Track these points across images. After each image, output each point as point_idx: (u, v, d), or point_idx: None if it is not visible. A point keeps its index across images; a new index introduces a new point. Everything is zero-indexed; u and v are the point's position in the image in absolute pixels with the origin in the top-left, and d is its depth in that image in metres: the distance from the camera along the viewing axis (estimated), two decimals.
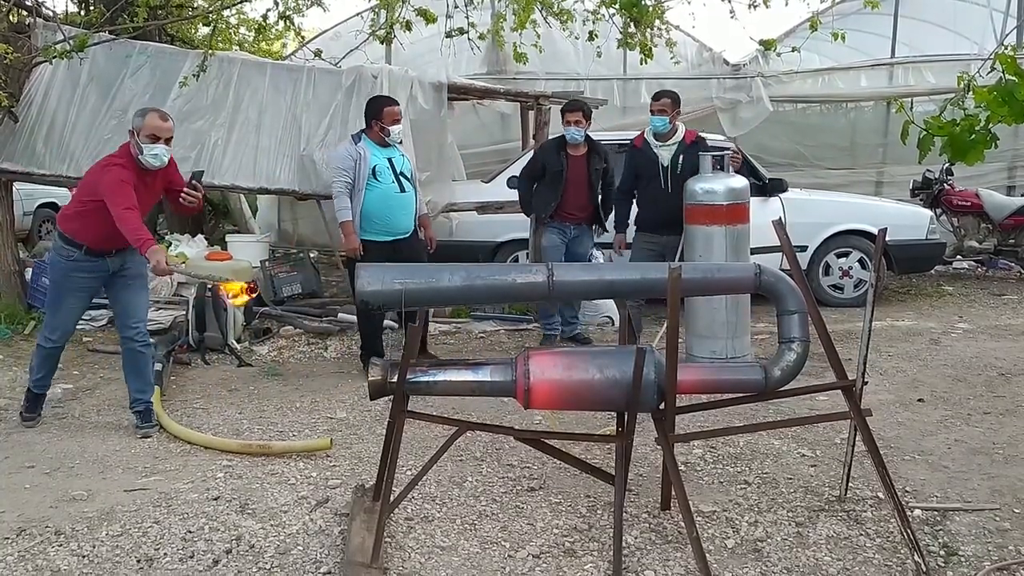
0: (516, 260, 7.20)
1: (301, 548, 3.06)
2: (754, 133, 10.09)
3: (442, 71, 7.68)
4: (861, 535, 3.12)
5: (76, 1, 8.40)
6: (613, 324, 6.74)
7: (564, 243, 5.89)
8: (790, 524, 3.21)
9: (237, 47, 10.35)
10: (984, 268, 9.07)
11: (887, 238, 3.23)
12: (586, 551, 3.03)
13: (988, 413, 4.49)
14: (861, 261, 7.30)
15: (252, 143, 7.01)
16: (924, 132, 3.01)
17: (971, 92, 2.98)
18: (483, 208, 7.33)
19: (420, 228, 5.55)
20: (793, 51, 7.30)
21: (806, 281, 3.10)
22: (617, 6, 6.23)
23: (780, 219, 3.20)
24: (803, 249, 7.11)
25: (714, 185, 5.24)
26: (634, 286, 3.09)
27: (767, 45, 7.48)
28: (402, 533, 3.16)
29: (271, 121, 7.04)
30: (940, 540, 3.09)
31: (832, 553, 3.00)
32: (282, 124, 7.06)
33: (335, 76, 7.23)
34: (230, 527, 3.20)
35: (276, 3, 6.99)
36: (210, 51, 6.65)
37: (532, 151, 6.56)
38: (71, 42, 5.99)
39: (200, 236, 8.19)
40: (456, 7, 7.25)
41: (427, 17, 7.05)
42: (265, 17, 7.12)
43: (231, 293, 3.94)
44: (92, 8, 7.88)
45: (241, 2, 7.76)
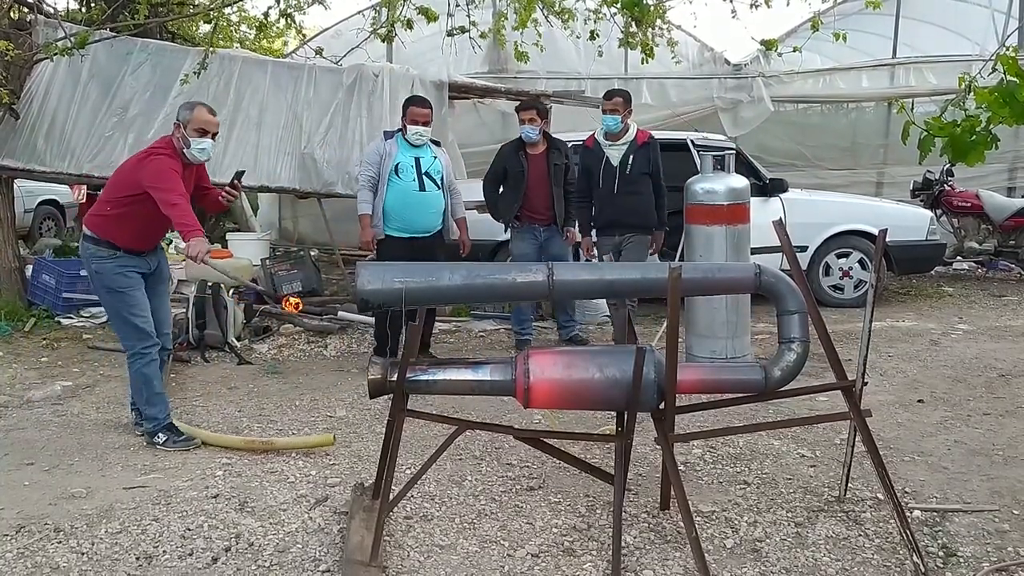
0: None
1: (300, 546, 3.06)
2: (755, 133, 10.09)
3: (443, 70, 7.69)
4: (860, 536, 3.12)
5: None
6: (613, 324, 6.74)
7: (537, 248, 5.76)
8: (789, 524, 3.21)
9: (238, 45, 10.36)
10: (984, 269, 9.07)
11: (887, 239, 3.23)
12: (585, 550, 3.03)
13: (988, 414, 4.49)
14: (861, 262, 7.30)
15: (253, 141, 7.02)
16: (925, 133, 3.01)
17: (972, 93, 2.98)
18: (483, 207, 7.32)
19: (446, 230, 5.59)
20: (794, 51, 7.30)
21: (806, 281, 3.10)
22: (619, 5, 6.23)
23: (780, 219, 3.20)
24: (803, 249, 7.11)
25: (715, 185, 5.24)
26: (634, 286, 3.08)
27: (768, 45, 7.49)
28: (401, 532, 3.16)
29: (272, 119, 7.05)
30: (939, 541, 3.09)
31: (831, 553, 3.00)
32: (283, 122, 7.07)
33: (336, 74, 7.24)
34: (229, 525, 3.20)
35: (277, 1, 6.99)
36: (211, 49, 6.66)
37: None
38: (72, 39, 5.99)
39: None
40: (457, 6, 7.26)
41: (428, 16, 7.05)
42: (266, 15, 7.12)
43: (287, 307, 3.93)
44: (93, 5, 7.89)
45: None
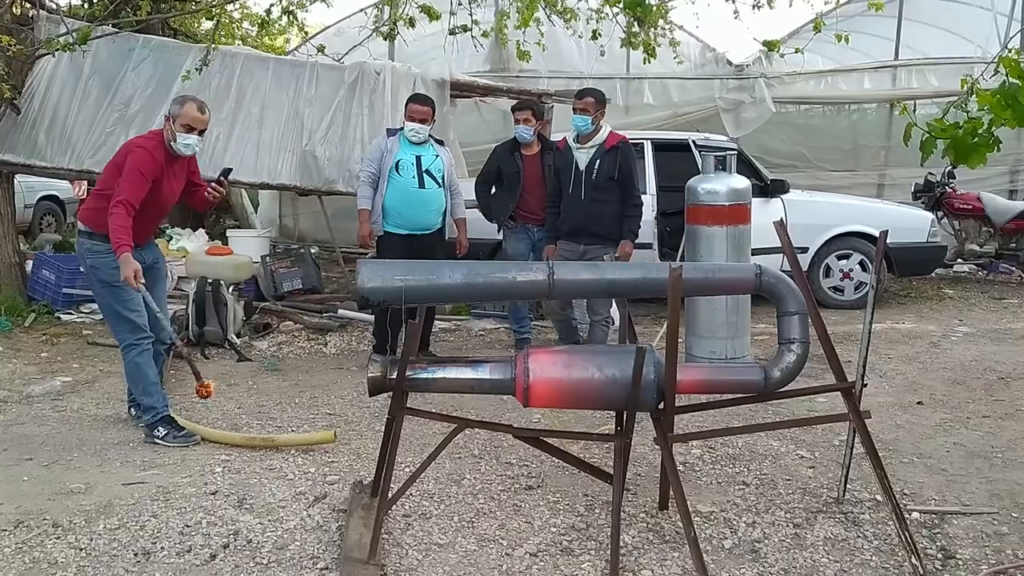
0: None
1: (298, 543, 3.06)
2: (757, 134, 10.09)
3: (445, 68, 7.68)
4: (859, 537, 3.12)
5: None
6: (613, 323, 6.74)
7: (530, 247, 5.72)
8: (788, 525, 3.21)
9: (240, 42, 10.36)
10: (985, 272, 9.07)
11: (888, 240, 3.23)
12: (583, 550, 3.03)
13: (987, 417, 4.49)
14: (862, 263, 7.30)
15: (254, 138, 7.02)
16: (927, 135, 3.01)
17: (974, 95, 2.97)
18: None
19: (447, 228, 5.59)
20: (796, 52, 7.29)
21: (807, 283, 3.10)
22: (621, 5, 6.21)
23: (781, 220, 3.20)
24: (804, 250, 7.11)
25: (716, 186, 5.24)
26: (635, 285, 3.08)
27: (771, 46, 7.47)
28: (400, 530, 3.16)
29: (273, 116, 7.05)
30: (938, 543, 3.09)
31: (829, 555, 3.00)
32: (284, 119, 7.07)
33: (338, 72, 7.23)
34: (228, 522, 3.20)
35: None
36: (213, 45, 6.65)
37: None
38: (74, 35, 5.99)
39: (201, 231, 8.20)
40: (460, 4, 7.25)
41: (431, 14, 7.05)
42: (268, 12, 7.11)
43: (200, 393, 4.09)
44: (95, 1, 7.87)
45: None
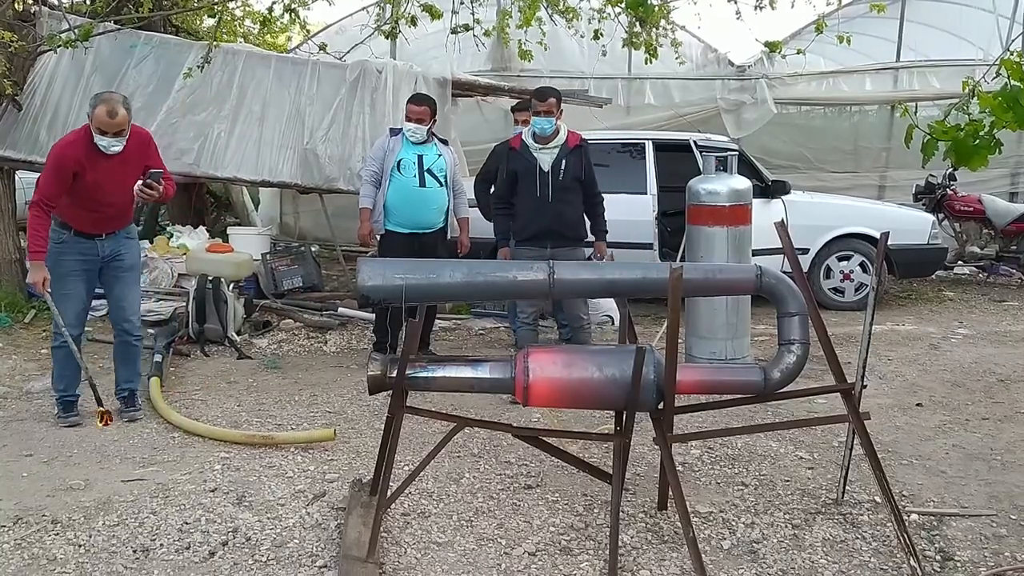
0: None
1: (297, 541, 3.06)
2: (758, 135, 10.08)
3: (446, 67, 7.68)
4: (857, 539, 3.12)
5: None
6: (613, 323, 6.74)
7: None
8: (786, 526, 3.21)
9: (242, 39, 10.35)
10: (985, 274, 9.07)
11: (889, 242, 3.23)
12: (582, 549, 3.03)
13: (986, 419, 4.49)
14: (862, 265, 7.29)
15: (255, 136, 7.02)
16: (928, 137, 3.01)
17: (976, 97, 2.97)
18: None
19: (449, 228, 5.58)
20: (798, 53, 7.29)
21: (807, 284, 3.10)
22: (623, 5, 6.22)
23: (782, 221, 3.20)
24: (804, 252, 7.11)
25: (717, 186, 5.23)
26: (635, 285, 3.09)
27: (772, 47, 7.48)
28: (399, 528, 3.16)
29: (275, 114, 7.04)
30: (936, 545, 3.09)
31: (828, 556, 3.00)
32: (285, 117, 7.06)
33: (339, 70, 7.23)
34: (227, 519, 3.20)
35: None
36: (215, 43, 6.65)
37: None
38: (76, 31, 5.99)
39: (201, 228, 8.20)
40: (462, 3, 7.25)
41: (432, 13, 7.05)
42: (270, 10, 7.12)
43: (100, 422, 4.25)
44: None
45: None
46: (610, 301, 6.43)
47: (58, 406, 4.39)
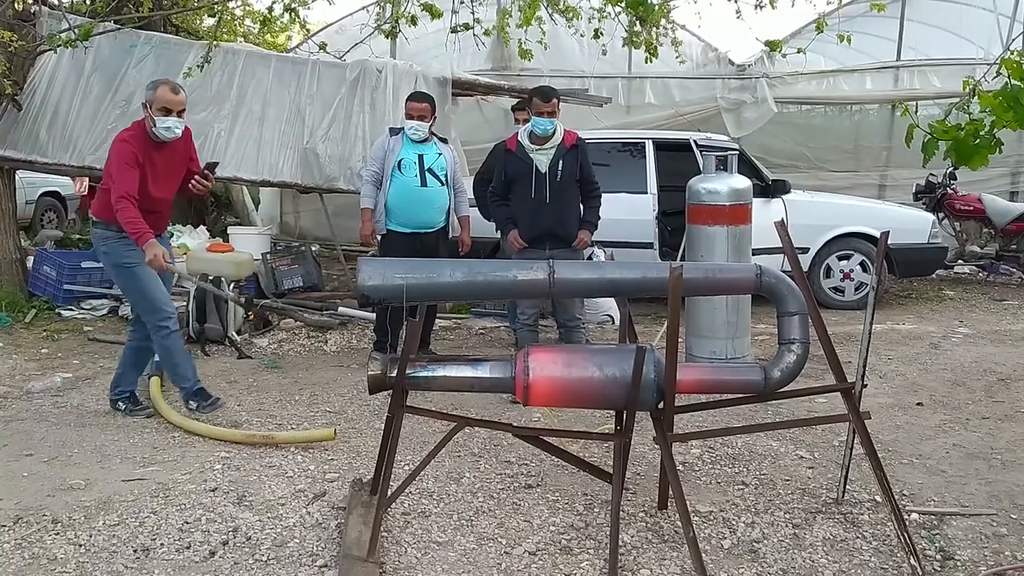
0: None
1: (297, 541, 3.06)
2: (758, 134, 10.09)
3: (447, 66, 7.68)
4: (857, 538, 3.12)
5: None
6: (613, 323, 6.74)
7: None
8: (787, 526, 3.21)
9: (242, 39, 10.36)
10: (985, 273, 9.07)
11: (889, 241, 3.23)
12: (582, 549, 3.03)
13: (987, 418, 4.49)
14: (862, 264, 7.29)
15: (255, 135, 7.02)
16: (928, 136, 3.01)
17: (976, 96, 2.97)
18: None
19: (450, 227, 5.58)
20: (799, 52, 7.29)
21: (807, 283, 3.10)
22: (623, 4, 6.22)
23: (782, 220, 3.20)
24: (805, 251, 7.11)
25: (717, 185, 5.23)
26: (635, 285, 3.08)
27: (773, 46, 7.47)
28: (399, 528, 3.16)
29: (275, 113, 7.05)
30: (936, 544, 3.09)
31: (828, 555, 3.00)
32: (286, 117, 7.07)
33: (339, 70, 7.23)
34: (227, 519, 3.20)
35: None
36: (215, 42, 6.65)
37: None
38: (76, 31, 5.99)
39: (202, 227, 8.20)
40: (462, 2, 7.26)
41: (432, 12, 7.05)
42: (270, 9, 7.12)
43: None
44: None
45: None
46: (610, 300, 6.43)
47: (196, 399, 4.45)
